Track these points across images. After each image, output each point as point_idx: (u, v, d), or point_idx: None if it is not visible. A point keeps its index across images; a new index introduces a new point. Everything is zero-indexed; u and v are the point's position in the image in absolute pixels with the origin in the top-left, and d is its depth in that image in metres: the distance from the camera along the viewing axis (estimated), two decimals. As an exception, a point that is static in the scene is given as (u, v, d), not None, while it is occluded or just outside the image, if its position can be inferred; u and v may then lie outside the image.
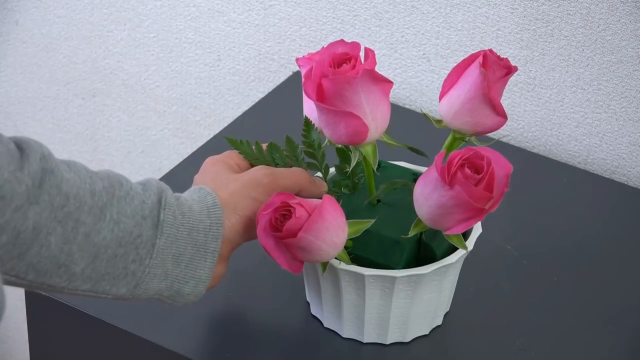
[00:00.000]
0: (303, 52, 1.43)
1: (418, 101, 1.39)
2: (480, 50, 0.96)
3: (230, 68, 1.51)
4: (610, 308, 1.08)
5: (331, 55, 0.90)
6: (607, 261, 1.15)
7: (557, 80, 1.29)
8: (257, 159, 0.98)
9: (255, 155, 0.98)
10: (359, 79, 0.89)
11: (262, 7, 1.43)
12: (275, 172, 0.94)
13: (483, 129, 0.97)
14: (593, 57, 1.25)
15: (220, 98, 1.54)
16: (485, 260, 1.12)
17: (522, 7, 1.26)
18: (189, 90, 1.56)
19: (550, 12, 1.25)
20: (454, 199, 0.89)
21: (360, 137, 0.92)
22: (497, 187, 0.89)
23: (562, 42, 1.26)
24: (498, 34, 1.29)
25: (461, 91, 0.96)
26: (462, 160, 0.89)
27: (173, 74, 1.56)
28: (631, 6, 1.20)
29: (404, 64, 1.37)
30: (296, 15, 1.41)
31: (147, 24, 1.53)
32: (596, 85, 1.27)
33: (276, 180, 0.94)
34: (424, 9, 1.32)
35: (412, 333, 1.02)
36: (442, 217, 0.91)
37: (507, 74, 0.96)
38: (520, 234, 1.17)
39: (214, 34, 1.49)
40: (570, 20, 1.24)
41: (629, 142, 1.28)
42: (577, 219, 1.20)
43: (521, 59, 1.29)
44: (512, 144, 1.35)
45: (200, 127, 1.58)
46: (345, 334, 1.02)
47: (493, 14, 1.28)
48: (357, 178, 1.00)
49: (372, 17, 1.36)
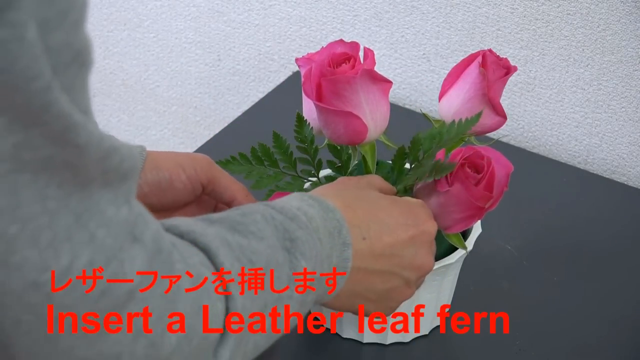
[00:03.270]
0: (303, 52, 1.43)
1: (418, 101, 1.39)
2: (480, 50, 0.97)
3: (230, 68, 1.51)
4: (610, 308, 1.08)
5: (330, 55, 0.90)
6: (607, 261, 1.14)
7: (557, 80, 1.29)
8: (250, 172, 0.97)
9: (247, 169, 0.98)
10: (358, 79, 0.89)
11: (262, 7, 1.43)
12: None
13: (483, 128, 0.97)
14: (593, 57, 1.25)
15: (220, 98, 1.54)
16: (485, 260, 1.12)
17: (522, 7, 1.26)
18: (189, 90, 1.56)
19: (550, 12, 1.25)
20: (454, 197, 0.89)
21: (360, 137, 0.92)
22: (497, 186, 0.89)
23: (562, 42, 1.26)
24: (498, 34, 1.29)
25: (461, 91, 0.96)
26: (462, 159, 0.89)
27: (173, 74, 1.56)
28: (631, 6, 1.20)
29: (404, 64, 1.37)
30: (296, 15, 1.41)
31: (147, 24, 1.53)
32: (596, 85, 1.27)
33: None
34: (424, 9, 1.32)
35: (412, 333, 1.02)
36: (442, 216, 0.91)
37: (507, 74, 0.96)
38: (520, 234, 1.17)
39: (214, 34, 1.49)
40: (570, 20, 1.24)
41: (629, 142, 1.28)
42: (577, 219, 1.20)
43: (521, 59, 1.29)
44: (512, 144, 1.35)
45: (200, 127, 1.58)
46: (345, 334, 1.02)
47: (493, 14, 1.28)
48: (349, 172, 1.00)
49: (372, 17, 1.36)
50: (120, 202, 0.60)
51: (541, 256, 1.14)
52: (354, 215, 0.83)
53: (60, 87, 0.53)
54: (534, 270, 1.12)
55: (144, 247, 0.61)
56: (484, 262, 1.11)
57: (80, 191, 0.57)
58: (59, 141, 0.55)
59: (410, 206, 0.87)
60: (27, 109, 0.53)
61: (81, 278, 0.58)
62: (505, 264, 1.13)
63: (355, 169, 0.98)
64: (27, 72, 0.51)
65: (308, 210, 0.79)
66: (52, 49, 0.53)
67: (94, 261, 0.58)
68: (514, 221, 1.18)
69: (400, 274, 0.85)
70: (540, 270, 1.12)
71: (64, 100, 0.54)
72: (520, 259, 1.13)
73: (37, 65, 0.52)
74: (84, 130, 0.55)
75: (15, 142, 0.53)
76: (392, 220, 0.85)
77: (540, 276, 1.12)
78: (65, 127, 0.54)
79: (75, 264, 0.57)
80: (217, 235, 0.71)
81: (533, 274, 1.12)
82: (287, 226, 0.76)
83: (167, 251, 0.64)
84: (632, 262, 1.15)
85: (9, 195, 0.54)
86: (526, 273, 1.12)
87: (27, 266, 0.56)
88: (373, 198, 0.86)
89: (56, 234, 0.56)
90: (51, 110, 0.53)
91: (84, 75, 0.56)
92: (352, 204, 0.84)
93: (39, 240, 0.56)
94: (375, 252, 0.83)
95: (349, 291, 0.83)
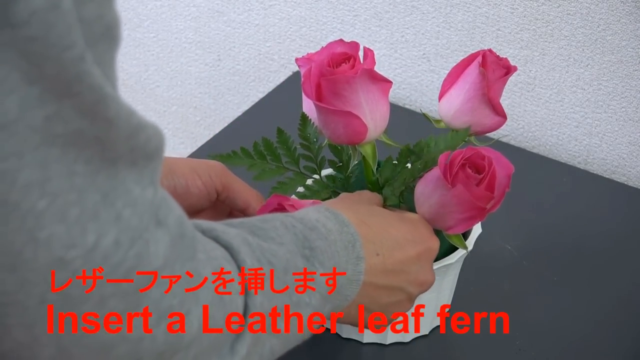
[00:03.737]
0: (303, 52, 1.43)
1: (418, 101, 1.39)
2: (480, 50, 0.97)
3: (230, 68, 1.50)
4: (610, 308, 1.08)
5: (330, 55, 0.90)
6: (607, 261, 1.14)
7: (557, 80, 1.29)
8: (253, 164, 0.98)
9: (249, 162, 0.98)
10: (357, 79, 0.89)
11: (262, 7, 1.43)
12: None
13: (482, 128, 0.97)
14: (593, 57, 1.25)
15: (220, 98, 1.54)
16: (485, 260, 1.12)
17: (522, 7, 1.26)
18: (189, 90, 1.56)
19: (550, 12, 1.25)
20: (455, 197, 0.89)
21: (359, 137, 0.92)
22: (499, 187, 0.89)
23: (562, 42, 1.26)
24: (498, 34, 1.29)
25: (461, 91, 0.96)
26: (463, 159, 0.89)
27: (173, 74, 1.56)
28: (631, 6, 1.20)
29: (404, 64, 1.37)
30: (296, 15, 1.41)
31: (147, 24, 1.53)
32: (596, 85, 1.27)
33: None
34: (424, 9, 1.32)
35: (412, 333, 1.02)
36: (443, 217, 0.91)
37: (507, 74, 0.96)
38: (520, 234, 1.17)
39: (214, 34, 1.49)
40: (570, 20, 1.24)
41: (629, 142, 1.28)
42: (577, 219, 1.20)
43: (521, 59, 1.29)
44: (512, 144, 1.35)
45: (200, 127, 1.58)
46: (345, 334, 1.02)
47: (493, 14, 1.28)
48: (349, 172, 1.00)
49: (372, 17, 1.36)
50: (145, 183, 0.59)
51: (541, 256, 1.14)
52: (369, 231, 0.84)
53: (93, 59, 0.53)
54: (534, 270, 1.12)
55: (168, 231, 0.61)
56: (484, 262, 1.11)
57: (107, 169, 0.57)
58: (90, 114, 0.54)
59: (415, 223, 0.89)
60: (60, 79, 0.52)
61: (106, 257, 0.57)
62: (505, 264, 1.13)
63: (356, 168, 0.98)
64: (62, 41, 0.51)
65: (326, 222, 0.80)
66: (85, 20, 0.53)
67: (120, 241, 0.58)
68: (514, 221, 1.18)
69: (405, 289, 0.87)
70: (540, 270, 1.12)
71: (96, 72, 0.54)
72: (520, 259, 1.13)
73: (71, 35, 0.52)
74: (115, 103, 0.55)
75: (46, 114, 0.53)
76: (401, 236, 0.87)
77: (540, 276, 1.12)
78: (97, 99, 0.54)
79: (101, 243, 0.57)
80: (238, 234, 0.71)
81: (533, 274, 1.12)
82: (307, 235, 0.77)
83: (190, 237, 0.64)
84: (632, 262, 1.15)
85: (38, 169, 0.54)
86: (526, 273, 1.12)
87: (55, 242, 0.55)
88: (383, 214, 0.88)
89: (83, 211, 0.56)
90: (84, 81, 0.53)
91: (113, 50, 0.56)
92: (366, 219, 0.85)
93: (67, 216, 0.55)
94: (386, 268, 0.85)
95: (355, 303, 0.84)
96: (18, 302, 0.57)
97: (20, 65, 0.51)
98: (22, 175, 0.53)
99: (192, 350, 0.65)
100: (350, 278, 0.81)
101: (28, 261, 0.55)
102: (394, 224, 0.87)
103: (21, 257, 0.55)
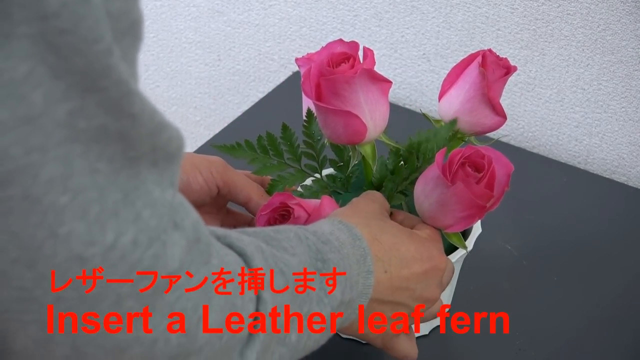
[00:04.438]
0: (303, 52, 1.43)
1: (418, 101, 1.39)
2: (480, 50, 0.96)
3: (230, 68, 1.51)
4: (610, 308, 1.08)
5: (330, 55, 0.90)
6: (607, 261, 1.14)
7: (557, 80, 1.29)
8: (255, 158, 0.98)
9: (252, 155, 0.98)
10: (357, 79, 0.88)
11: (262, 7, 1.43)
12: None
13: (482, 128, 0.97)
14: (593, 57, 1.25)
15: (220, 98, 1.54)
16: (485, 260, 1.12)
17: (522, 7, 1.26)
18: (189, 90, 1.56)
19: (550, 12, 1.25)
20: (455, 195, 0.89)
21: (359, 137, 0.92)
22: (498, 185, 0.89)
23: (562, 42, 1.26)
24: (498, 34, 1.29)
25: (460, 91, 0.96)
26: (463, 158, 0.89)
27: (173, 74, 1.56)
28: (631, 6, 1.20)
29: (404, 64, 1.37)
30: (296, 15, 1.41)
31: (147, 24, 1.53)
32: (596, 85, 1.27)
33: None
34: (424, 9, 1.32)
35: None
36: (443, 215, 0.91)
37: (507, 74, 0.96)
38: (520, 234, 1.17)
39: (214, 34, 1.49)
40: (570, 20, 1.24)
41: (629, 142, 1.28)
42: (577, 219, 1.20)
43: (521, 59, 1.29)
44: (512, 144, 1.34)
45: (200, 127, 1.58)
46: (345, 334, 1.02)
47: (493, 14, 1.28)
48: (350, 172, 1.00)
49: (372, 17, 1.36)
50: (165, 185, 0.59)
51: (541, 256, 1.14)
52: (380, 248, 0.85)
53: (119, 54, 0.53)
54: (534, 270, 1.12)
55: (184, 234, 0.61)
56: (484, 262, 1.11)
57: (129, 168, 0.57)
58: (115, 109, 0.54)
59: (425, 242, 0.90)
60: (87, 73, 0.52)
61: (123, 256, 0.57)
62: (505, 264, 1.13)
63: (356, 169, 0.98)
64: (90, 34, 0.51)
65: (340, 235, 0.81)
66: (112, 14, 0.53)
67: (138, 241, 0.58)
68: (514, 221, 1.18)
69: (409, 305, 0.88)
70: (540, 270, 1.12)
71: (122, 66, 0.54)
72: (520, 259, 1.13)
73: (99, 28, 0.52)
74: (139, 99, 0.55)
75: (70, 109, 0.53)
76: (410, 255, 0.87)
77: (540, 276, 1.11)
78: (122, 94, 0.54)
79: (119, 241, 0.57)
80: (252, 242, 0.72)
81: (533, 274, 1.12)
82: (319, 247, 0.78)
83: (205, 242, 0.64)
84: (632, 262, 1.15)
85: (61, 165, 0.54)
86: (526, 273, 1.12)
87: (74, 239, 0.55)
88: (395, 231, 0.88)
89: (103, 209, 0.56)
90: (111, 75, 0.53)
91: (137, 47, 0.56)
92: (378, 236, 0.86)
93: (88, 214, 0.55)
94: (393, 285, 0.86)
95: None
96: (35, 298, 0.57)
97: (47, 58, 0.51)
98: (44, 170, 0.53)
99: (203, 353, 0.65)
100: (360, 291, 0.82)
101: (47, 257, 0.55)
102: (404, 242, 0.88)
103: (40, 252, 0.55)
